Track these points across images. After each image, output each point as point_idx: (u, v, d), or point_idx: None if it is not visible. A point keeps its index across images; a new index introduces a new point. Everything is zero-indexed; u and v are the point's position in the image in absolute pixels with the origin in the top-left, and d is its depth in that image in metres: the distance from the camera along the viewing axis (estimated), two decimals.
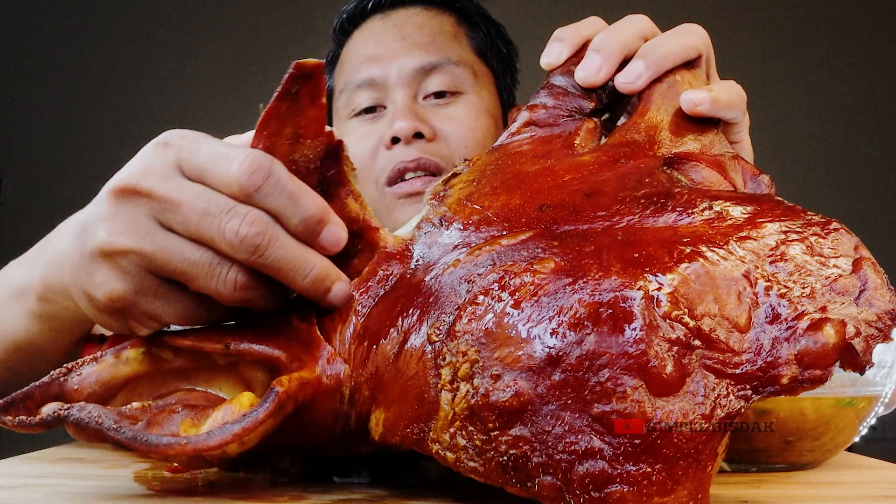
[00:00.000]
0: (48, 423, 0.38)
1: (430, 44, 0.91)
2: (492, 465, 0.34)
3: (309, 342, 0.40)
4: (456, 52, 0.92)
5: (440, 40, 0.92)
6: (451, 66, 0.91)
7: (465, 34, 0.95)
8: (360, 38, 0.95)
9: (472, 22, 0.97)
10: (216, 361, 0.41)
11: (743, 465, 0.50)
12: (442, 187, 0.45)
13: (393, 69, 0.90)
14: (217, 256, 0.39)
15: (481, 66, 0.95)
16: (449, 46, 0.92)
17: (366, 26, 0.95)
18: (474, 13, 0.98)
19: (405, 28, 0.92)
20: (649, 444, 0.32)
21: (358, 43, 0.95)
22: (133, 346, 0.41)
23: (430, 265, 0.40)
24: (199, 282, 0.39)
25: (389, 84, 0.90)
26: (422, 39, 0.91)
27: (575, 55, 0.50)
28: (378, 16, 0.95)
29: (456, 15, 0.96)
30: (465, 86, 0.91)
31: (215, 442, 0.36)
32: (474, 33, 0.96)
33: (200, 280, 0.39)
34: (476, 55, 0.95)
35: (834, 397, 0.49)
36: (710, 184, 0.42)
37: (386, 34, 0.93)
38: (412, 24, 0.93)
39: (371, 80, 0.90)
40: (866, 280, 0.35)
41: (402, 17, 0.94)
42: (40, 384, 0.40)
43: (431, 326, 0.37)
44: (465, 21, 0.96)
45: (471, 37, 0.96)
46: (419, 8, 0.95)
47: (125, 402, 0.41)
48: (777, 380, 0.33)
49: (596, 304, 0.34)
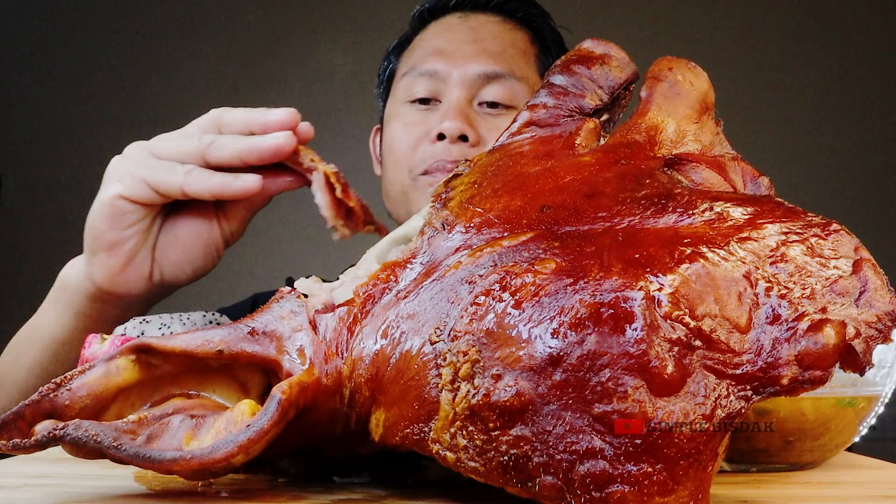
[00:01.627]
0: (43, 444, 0.37)
1: (500, 54, 0.92)
2: (492, 465, 0.34)
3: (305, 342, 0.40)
4: (521, 68, 0.93)
5: (510, 53, 0.93)
6: (512, 81, 0.91)
7: (535, 55, 0.96)
8: (435, 30, 0.97)
9: (545, 45, 0.98)
10: (209, 364, 0.41)
11: (743, 465, 0.50)
12: (443, 188, 0.45)
13: (457, 68, 0.91)
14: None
15: None
16: (516, 61, 0.93)
17: (444, 20, 0.97)
18: (549, 37, 0.99)
19: (480, 32, 0.94)
20: (650, 444, 0.32)
21: (432, 34, 0.96)
22: (123, 355, 0.40)
23: (433, 268, 0.40)
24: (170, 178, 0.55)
25: (450, 81, 0.91)
26: (493, 48, 0.92)
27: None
28: (458, 14, 0.97)
29: (531, 33, 0.98)
30: (520, 102, 0.91)
31: (221, 455, 0.36)
32: (544, 56, 0.97)
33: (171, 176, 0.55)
34: (539, 76, 0.95)
35: (834, 397, 0.49)
36: (711, 185, 0.42)
37: (460, 33, 0.94)
38: (488, 31, 0.94)
39: (434, 71, 0.91)
40: (866, 281, 0.35)
41: (480, 22, 0.95)
42: (30, 402, 0.39)
43: (432, 327, 0.37)
44: (538, 41, 0.98)
45: (539, 58, 0.97)
46: (499, 17, 0.96)
47: (119, 412, 0.40)
48: (777, 380, 0.33)
49: (597, 305, 0.34)
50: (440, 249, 0.40)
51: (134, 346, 0.40)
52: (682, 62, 0.49)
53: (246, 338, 0.40)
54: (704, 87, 0.48)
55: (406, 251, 0.42)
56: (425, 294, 0.38)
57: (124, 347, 0.40)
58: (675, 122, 0.46)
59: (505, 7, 0.97)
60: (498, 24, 0.96)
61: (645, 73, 0.49)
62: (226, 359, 0.40)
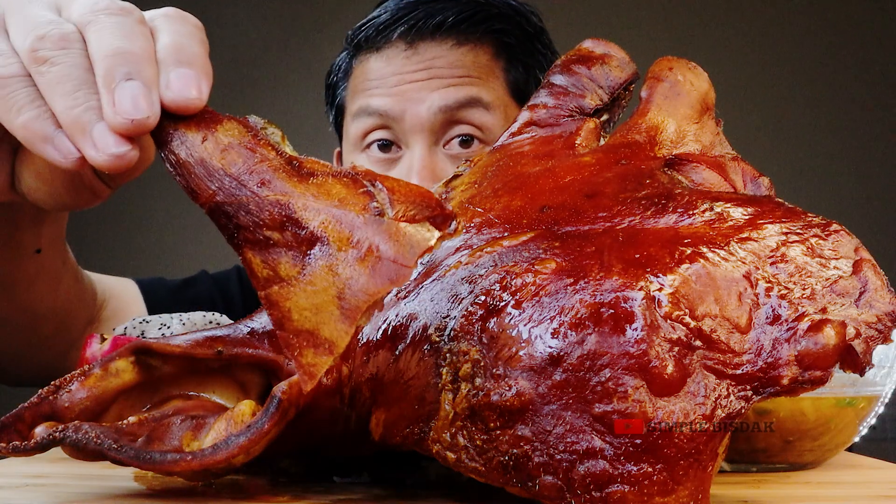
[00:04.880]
0: (43, 447, 0.37)
1: (459, 84, 0.81)
2: (492, 464, 0.34)
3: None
4: (489, 91, 0.83)
5: (472, 76, 0.82)
6: (479, 111, 0.81)
7: (502, 67, 0.85)
8: (377, 64, 0.84)
9: (512, 55, 0.86)
10: (209, 365, 0.41)
11: (743, 465, 0.50)
12: (444, 189, 0.45)
13: (413, 109, 0.81)
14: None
15: (515, 109, 0.85)
16: (481, 85, 0.82)
17: (386, 53, 0.84)
18: (517, 44, 0.86)
19: (433, 65, 0.82)
20: (650, 444, 0.32)
21: (375, 68, 0.84)
22: (122, 357, 0.40)
23: (433, 268, 0.40)
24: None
25: (406, 125, 0.81)
26: (451, 79, 0.81)
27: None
28: (402, 44, 0.83)
29: (494, 46, 0.85)
30: (492, 128, 0.82)
31: (222, 456, 0.36)
32: (512, 68, 0.86)
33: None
34: (510, 95, 0.85)
35: (834, 397, 0.49)
36: (711, 185, 0.42)
37: (409, 68, 0.82)
38: (442, 62, 0.82)
39: (385, 112, 0.82)
40: (866, 282, 0.35)
41: (432, 52, 0.82)
42: (29, 405, 0.38)
43: (433, 327, 0.37)
44: (505, 51, 0.85)
45: (508, 70, 0.85)
46: (451, 42, 0.83)
47: (119, 413, 0.40)
48: (777, 381, 0.33)
49: (597, 305, 0.34)
50: (440, 249, 0.41)
51: (133, 348, 0.40)
52: (682, 62, 0.49)
53: (245, 338, 0.40)
54: (705, 88, 0.48)
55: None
56: (426, 294, 0.38)
57: (123, 349, 0.40)
58: (676, 123, 0.46)
59: (459, 28, 0.83)
60: (452, 48, 0.83)
61: (645, 73, 0.49)
62: (225, 359, 0.40)
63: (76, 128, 0.38)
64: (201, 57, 0.41)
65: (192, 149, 0.39)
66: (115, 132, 0.38)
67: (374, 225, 0.40)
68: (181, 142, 0.39)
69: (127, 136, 0.38)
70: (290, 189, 0.39)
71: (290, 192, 0.39)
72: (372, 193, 0.41)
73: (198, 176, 0.39)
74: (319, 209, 0.39)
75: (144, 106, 0.38)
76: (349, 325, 0.38)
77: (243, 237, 0.39)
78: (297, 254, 0.39)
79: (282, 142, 0.42)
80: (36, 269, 0.62)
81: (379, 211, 0.40)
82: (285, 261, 0.39)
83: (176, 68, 0.39)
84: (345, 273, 0.38)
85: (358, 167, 0.42)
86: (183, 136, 0.39)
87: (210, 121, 0.40)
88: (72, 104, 0.38)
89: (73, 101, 0.38)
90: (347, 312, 0.38)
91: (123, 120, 0.38)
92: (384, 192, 0.41)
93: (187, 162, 0.39)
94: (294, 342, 0.37)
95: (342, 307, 0.38)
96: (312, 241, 0.39)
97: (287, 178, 0.40)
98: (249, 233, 0.39)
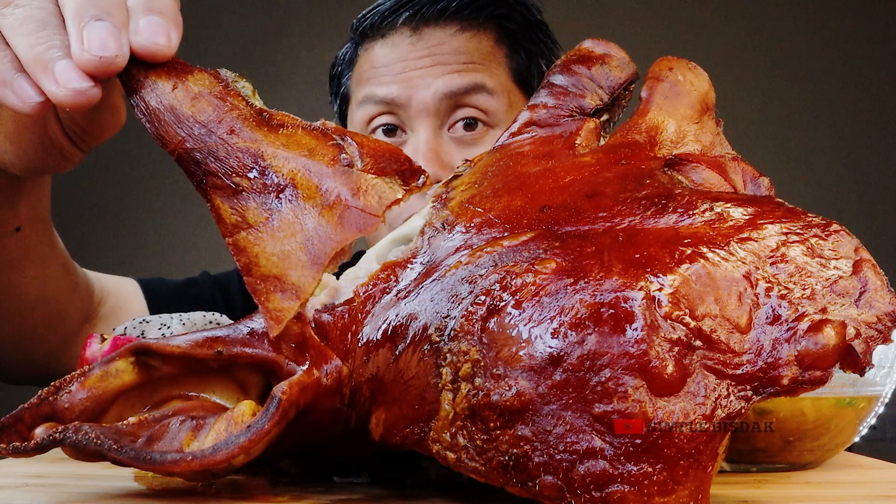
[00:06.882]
0: (43, 447, 0.37)
1: (464, 70, 0.83)
2: (492, 464, 0.34)
3: (303, 342, 0.40)
4: (492, 77, 0.84)
5: (475, 63, 0.84)
6: (483, 96, 0.83)
7: (505, 54, 0.87)
8: (383, 51, 0.86)
9: (514, 42, 0.88)
10: (208, 365, 0.41)
11: (743, 465, 0.50)
12: (444, 189, 0.45)
13: (418, 94, 0.82)
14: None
15: (518, 94, 0.87)
16: (484, 71, 0.84)
17: (392, 40, 0.86)
18: (518, 30, 0.88)
19: (438, 47, 0.84)
20: (650, 444, 0.32)
21: (380, 55, 0.86)
22: (122, 357, 0.40)
23: (433, 268, 0.40)
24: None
25: (412, 110, 0.83)
26: (455, 65, 0.83)
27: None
28: (407, 30, 0.85)
29: (496, 32, 0.87)
30: (497, 113, 0.84)
31: (222, 456, 0.35)
32: (514, 54, 0.87)
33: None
34: (513, 81, 0.87)
35: (834, 397, 0.49)
36: (711, 185, 0.42)
37: (414, 54, 0.84)
38: (446, 48, 0.84)
39: (391, 99, 0.83)
40: (866, 282, 0.35)
41: (436, 38, 0.84)
42: (30, 405, 0.38)
43: (433, 327, 0.37)
44: (507, 38, 0.87)
45: (510, 56, 0.87)
46: (456, 26, 0.85)
47: (118, 414, 0.40)
48: (777, 381, 0.33)
49: (597, 305, 0.34)
50: (440, 249, 0.40)
51: (133, 348, 0.40)
52: (682, 62, 0.49)
53: (245, 338, 0.40)
54: (705, 88, 0.48)
55: (406, 251, 0.42)
56: (426, 294, 0.38)
57: (123, 349, 0.40)
58: (676, 123, 0.46)
59: (462, 13, 0.85)
60: (455, 34, 0.85)
61: (645, 73, 0.49)
62: (225, 360, 0.40)
63: (38, 65, 0.38)
64: (171, 7, 0.41)
65: (163, 96, 0.40)
66: (81, 68, 0.38)
67: (342, 175, 0.40)
68: (151, 89, 0.40)
69: (92, 74, 0.38)
70: (260, 137, 0.40)
71: (259, 140, 0.40)
72: (341, 146, 0.41)
73: (167, 123, 0.40)
74: (289, 158, 0.40)
75: (113, 46, 0.38)
76: (316, 271, 0.38)
77: (212, 183, 0.39)
78: (266, 200, 0.39)
79: (252, 95, 0.43)
80: (19, 249, 0.61)
81: (348, 162, 0.41)
82: (253, 207, 0.39)
83: (146, 15, 0.40)
84: (312, 220, 0.39)
85: (328, 123, 0.43)
86: (153, 84, 0.40)
87: (181, 70, 0.41)
88: (34, 42, 0.38)
89: (35, 40, 0.38)
90: (314, 259, 0.38)
91: (91, 56, 0.38)
92: (354, 146, 0.41)
93: (157, 109, 0.40)
94: (261, 287, 0.38)
95: (309, 253, 0.38)
96: (281, 188, 0.39)
97: (257, 128, 0.40)
98: (218, 179, 0.39)
